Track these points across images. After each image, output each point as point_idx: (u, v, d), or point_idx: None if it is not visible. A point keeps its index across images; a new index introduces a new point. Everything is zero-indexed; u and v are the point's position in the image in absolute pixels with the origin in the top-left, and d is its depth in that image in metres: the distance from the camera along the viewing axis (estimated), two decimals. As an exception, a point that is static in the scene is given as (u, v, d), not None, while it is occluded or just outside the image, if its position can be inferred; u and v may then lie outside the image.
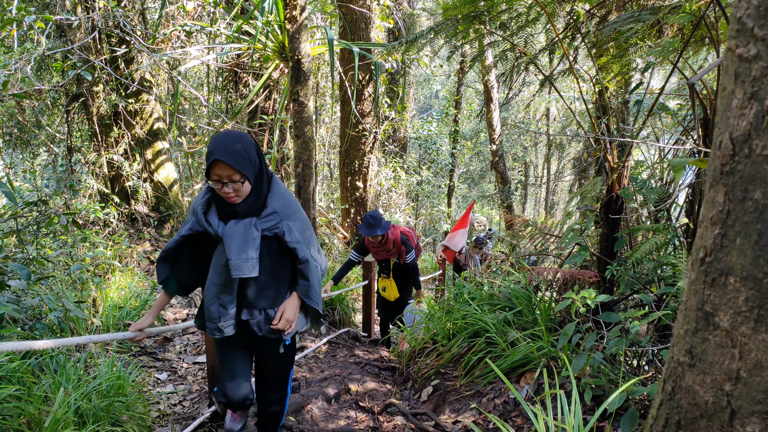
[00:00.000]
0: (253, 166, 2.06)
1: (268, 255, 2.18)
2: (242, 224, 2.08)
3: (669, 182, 3.22)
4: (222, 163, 1.96)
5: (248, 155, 2.03)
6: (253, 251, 2.07)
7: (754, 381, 0.99)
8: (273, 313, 2.25)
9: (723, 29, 2.95)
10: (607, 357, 2.64)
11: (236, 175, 1.99)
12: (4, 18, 4.35)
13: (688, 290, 1.17)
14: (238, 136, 2.05)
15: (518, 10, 3.71)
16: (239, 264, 2.04)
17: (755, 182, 0.94)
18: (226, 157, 1.95)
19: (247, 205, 2.11)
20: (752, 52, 0.93)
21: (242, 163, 1.99)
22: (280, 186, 2.25)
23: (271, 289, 2.25)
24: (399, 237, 4.94)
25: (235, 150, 1.98)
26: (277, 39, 6.51)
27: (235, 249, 2.05)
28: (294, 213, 2.22)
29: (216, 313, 2.17)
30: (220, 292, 2.16)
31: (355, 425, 3.28)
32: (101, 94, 6.87)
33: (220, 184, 2.01)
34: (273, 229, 2.14)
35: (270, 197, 2.18)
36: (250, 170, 2.03)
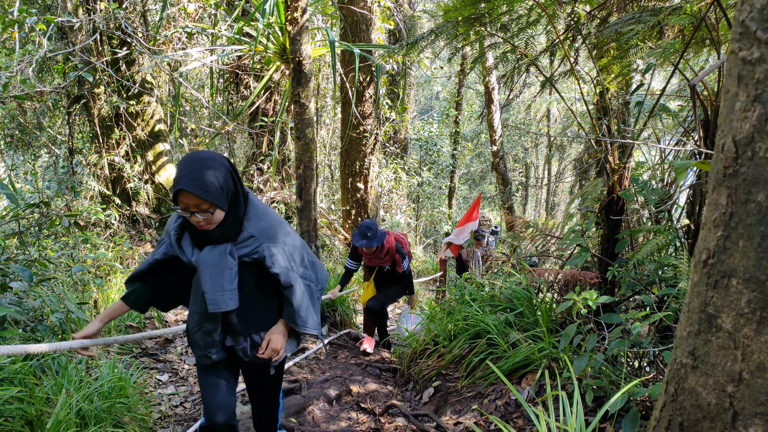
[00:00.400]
0: (226, 191, 1.86)
1: (251, 282, 2.03)
2: (217, 252, 1.91)
3: (670, 183, 3.23)
4: (186, 192, 1.77)
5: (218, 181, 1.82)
6: (228, 282, 1.91)
7: (756, 382, 1.00)
8: (259, 339, 2.11)
9: (724, 31, 2.96)
10: (609, 358, 2.64)
11: (204, 204, 1.80)
12: (6, 20, 4.36)
13: (690, 292, 1.18)
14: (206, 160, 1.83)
15: (519, 12, 3.71)
16: (215, 298, 1.89)
17: (758, 185, 0.95)
18: (192, 187, 1.76)
19: (223, 229, 1.93)
20: (755, 55, 0.93)
21: (211, 192, 1.79)
22: (258, 206, 2.06)
23: (258, 314, 2.10)
24: (394, 245, 4.82)
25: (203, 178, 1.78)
26: (278, 41, 6.52)
27: (210, 281, 1.89)
28: (276, 234, 2.04)
29: (201, 341, 2.05)
30: (204, 320, 2.02)
31: (357, 426, 3.28)
32: (102, 95, 6.88)
33: (188, 213, 1.84)
34: (252, 255, 1.96)
35: (247, 220, 1.99)
36: (221, 198, 1.83)
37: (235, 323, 2.05)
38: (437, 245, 17.43)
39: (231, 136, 9.38)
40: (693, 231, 2.92)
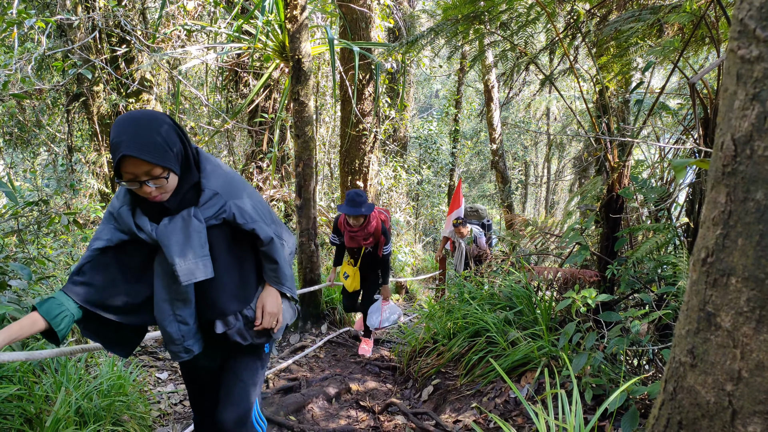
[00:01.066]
0: (176, 152, 1.59)
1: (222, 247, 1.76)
2: (179, 218, 1.65)
3: (669, 182, 3.23)
4: (133, 159, 1.49)
5: (165, 141, 1.54)
6: (199, 247, 1.65)
7: (755, 381, 1.00)
8: (251, 314, 1.85)
9: (723, 29, 2.95)
10: (608, 356, 2.64)
11: (156, 169, 1.53)
12: (5, 18, 4.35)
13: (689, 291, 1.18)
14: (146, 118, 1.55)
15: (518, 10, 3.71)
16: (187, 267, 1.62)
17: (757, 183, 0.95)
18: (137, 151, 1.48)
19: (180, 197, 1.66)
20: (754, 54, 0.93)
21: (160, 153, 1.51)
22: (212, 161, 1.79)
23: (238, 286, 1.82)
24: (380, 225, 4.39)
25: (147, 138, 1.50)
26: (277, 38, 6.51)
27: (178, 249, 1.61)
28: (240, 189, 1.79)
29: (177, 333, 1.74)
30: (175, 307, 1.72)
31: (356, 424, 3.28)
32: (102, 93, 6.87)
33: (137, 184, 1.55)
34: (220, 215, 1.70)
35: (205, 178, 1.72)
36: (172, 159, 1.56)
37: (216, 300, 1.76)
38: (437, 243, 17.44)
39: (230, 134, 9.37)
40: (692, 229, 2.92)
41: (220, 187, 1.72)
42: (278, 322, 1.87)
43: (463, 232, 7.01)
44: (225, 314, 1.78)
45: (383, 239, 4.44)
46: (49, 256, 4.26)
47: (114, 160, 1.51)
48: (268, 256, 1.83)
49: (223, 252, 1.76)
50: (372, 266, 4.69)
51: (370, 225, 4.24)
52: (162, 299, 1.72)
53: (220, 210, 1.70)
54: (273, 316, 1.84)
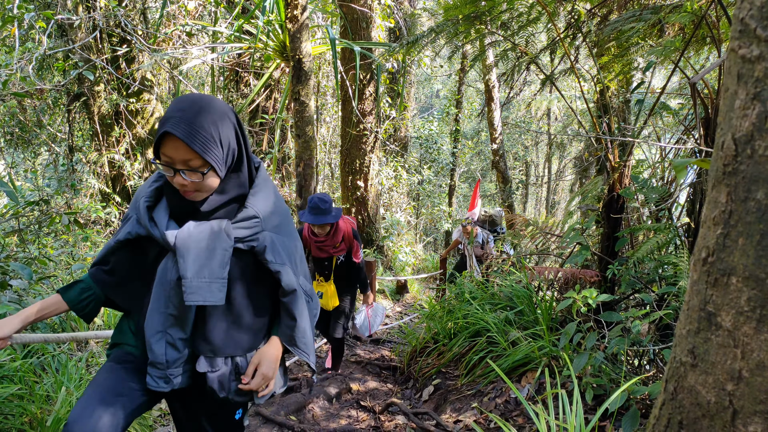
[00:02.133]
0: (226, 149, 1.39)
1: (241, 277, 1.51)
2: (208, 227, 1.42)
3: (670, 181, 3.23)
4: (175, 140, 1.31)
5: (219, 131, 1.36)
6: (220, 267, 1.41)
7: (756, 381, 1.00)
8: (244, 365, 1.55)
9: (724, 29, 2.95)
10: (609, 356, 2.64)
11: (196, 160, 1.34)
12: (5, 17, 4.36)
13: (690, 290, 1.18)
14: (207, 103, 1.36)
15: (519, 10, 3.71)
16: (198, 285, 1.38)
17: (758, 183, 0.95)
18: (182, 131, 1.30)
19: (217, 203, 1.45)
20: (755, 53, 0.93)
21: (206, 143, 1.33)
22: (268, 183, 1.58)
23: (243, 327, 1.55)
24: (350, 229, 3.81)
25: (198, 122, 1.32)
26: (278, 38, 6.52)
27: (194, 262, 1.38)
28: (282, 223, 1.57)
29: (162, 356, 1.45)
30: (168, 324, 1.46)
31: (357, 424, 3.28)
32: (102, 93, 6.88)
33: (172, 171, 1.36)
34: (250, 241, 1.48)
35: (253, 195, 1.51)
36: (218, 156, 1.36)
37: (213, 333, 1.50)
38: (437, 243, 17.45)
39: (231, 134, 9.36)
40: (693, 229, 2.92)
41: (264, 212, 1.51)
42: (267, 387, 1.57)
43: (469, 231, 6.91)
44: (216, 353, 1.51)
45: (356, 244, 3.86)
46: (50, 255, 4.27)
47: (156, 137, 1.35)
48: (287, 309, 1.56)
49: (240, 283, 1.52)
50: (348, 278, 4.05)
51: (338, 231, 3.70)
52: (156, 309, 1.46)
53: (253, 236, 1.48)
54: (265, 380, 1.54)
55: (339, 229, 3.68)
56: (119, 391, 1.46)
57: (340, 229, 3.70)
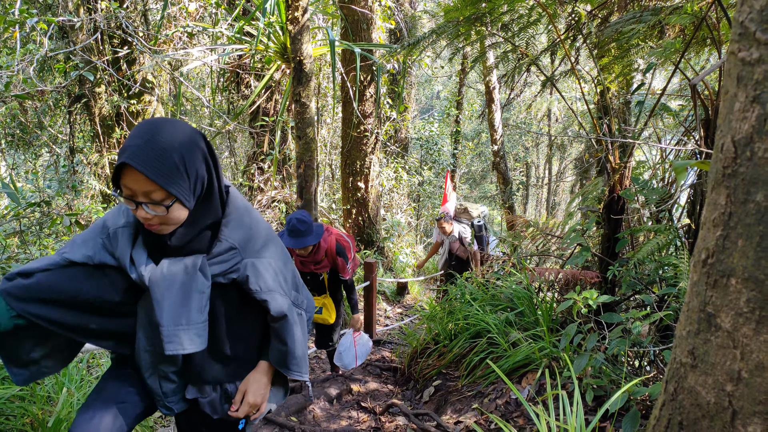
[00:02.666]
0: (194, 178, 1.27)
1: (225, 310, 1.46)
2: (181, 267, 1.33)
3: (670, 183, 3.23)
4: (133, 171, 1.19)
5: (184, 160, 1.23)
6: (197, 312, 1.34)
7: (755, 382, 1.00)
8: (234, 389, 1.55)
9: (724, 30, 2.96)
10: (609, 357, 2.64)
11: (158, 192, 1.21)
12: (7, 20, 4.37)
13: (690, 292, 1.18)
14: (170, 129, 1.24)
15: (520, 12, 3.71)
16: (175, 334, 1.31)
17: (757, 185, 0.95)
18: (140, 162, 1.17)
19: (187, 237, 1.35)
20: (754, 56, 0.94)
21: (168, 174, 1.20)
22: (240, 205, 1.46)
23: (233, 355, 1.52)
24: (334, 245, 3.66)
25: (160, 152, 1.19)
26: (278, 40, 6.53)
27: (170, 308, 1.31)
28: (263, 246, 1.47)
29: (158, 389, 1.48)
30: (158, 361, 1.45)
31: (357, 425, 3.28)
32: (103, 95, 6.89)
33: (134, 204, 1.25)
34: (230, 274, 1.40)
35: (226, 225, 1.40)
36: (183, 186, 1.24)
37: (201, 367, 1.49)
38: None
39: (232, 136, 9.38)
40: (693, 230, 2.92)
41: (241, 241, 1.42)
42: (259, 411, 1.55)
43: (446, 229, 6.59)
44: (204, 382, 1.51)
45: (341, 261, 3.69)
46: (51, 257, 4.27)
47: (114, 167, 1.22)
48: (278, 335, 1.51)
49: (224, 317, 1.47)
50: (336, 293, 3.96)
51: (320, 249, 3.58)
52: (144, 349, 1.44)
53: (232, 268, 1.40)
54: (252, 408, 1.52)
55: (320, 248, 3.57)
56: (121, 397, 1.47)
57: (321, 247, 3.57)
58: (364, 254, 8.55)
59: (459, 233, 6.65)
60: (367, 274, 5.80)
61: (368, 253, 8.69)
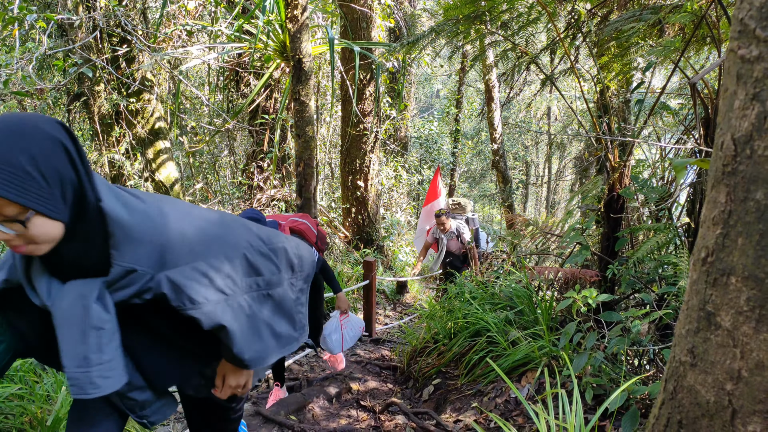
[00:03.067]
0: (56, 182, 1.02)
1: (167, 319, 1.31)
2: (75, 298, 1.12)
3: (670, 181, 3.23)
4: None
5: (36, 166, 0.98)
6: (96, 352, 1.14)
7: (755, 380, 1.00)
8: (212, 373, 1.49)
9: (724, 29, 2.95)
10: (609, 356, 2.64)
11: (10, 206, 0.98)
12: (6, 17, 4.36)
13: (689, 290, 1.18)
14: (16, 127, 0.98)
15: (519, 10, 3.71)
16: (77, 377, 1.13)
17: (757, 183, 0.95)
18: None
19: (70, 260, 1.14)
20: (754, 54, 0.93)
21: (18, 183, 0.97)
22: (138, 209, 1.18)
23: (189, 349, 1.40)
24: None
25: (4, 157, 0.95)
26: (278, 38, 6.52)
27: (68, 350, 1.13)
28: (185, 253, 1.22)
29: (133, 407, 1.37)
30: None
31: (357, 424, 3.28)
32: (102, 93, 6.88)
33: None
34: (143, 294, 1.18)
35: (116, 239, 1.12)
36: (42, 194, 1.00)
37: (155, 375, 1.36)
38: (437, 243, 17.40)
39: (231, 134, 9.38)
40: (693, 229, 2.92)
41: (144, 257, 1.16)
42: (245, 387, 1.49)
43: (446, 226, 6.33)
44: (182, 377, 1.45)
45: None
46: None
47: None
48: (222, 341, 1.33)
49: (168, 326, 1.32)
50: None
51: None
52: None
53: (142, 289, 1.17)
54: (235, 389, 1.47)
55: None
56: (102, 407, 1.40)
57: None
58: (363, 253, 8.55)
59: (457, 229, 6.42)
60: (367, 273, 5.80)
61: (368, 251, 8.69)
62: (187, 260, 1.22)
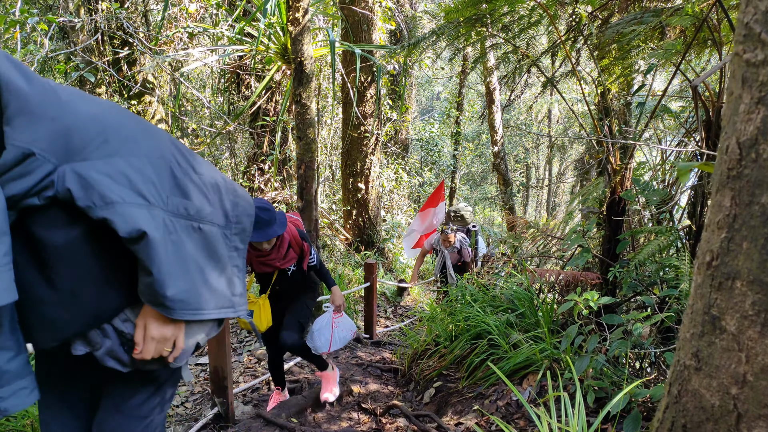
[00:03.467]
0: None
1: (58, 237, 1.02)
2: None
3: (671, 184, 3.23)
4: None
5: None
6: None
7: (760, 385, 1.00)
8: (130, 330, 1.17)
9: (725, 31, 2.96)
10: (610, 359, 2.64)
11: None
12: (8, 20, 4.36)
13: (694, 294, 1.18)
14: None
15: (520, 13, 3.71)
16: None
17: (762, 187, 0.95)
18: None
19: None
20: (759, 57, 0.93)
21: None
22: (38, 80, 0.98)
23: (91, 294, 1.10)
24: (296, 231, 3.18)
25: None
26: (279, 41, 6.52)
27: None
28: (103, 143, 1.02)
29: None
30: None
31: (358, 427, 3.28)
32: (104, 95, 6.88)
33: None
34: (43, 191, 0.96)
35: (10, 112, 0.92)
36: None
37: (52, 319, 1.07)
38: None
39: (232, 136, 9.38)
40: (694, 232, 2.92)
41: (45, 138, 0.94)
42: (175, 347, 1.19)
43: (451, 240, 6.18)
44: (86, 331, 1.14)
45: (306, 246, 3.22)
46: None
47: None
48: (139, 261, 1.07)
49: (59, 247, 1.03)
50: (293, 287, 3.33)
51: (284, 241, 3.05)
52: None
53: (40, 183, 0.95)
54: (162, 343, 1.16)
55: (284, 238, 3.05)
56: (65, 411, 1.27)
57: (284, 238, 3.05)
58: (364, 255, 8.55)
59: (460, 243, 6.26)
60: (368, 275, 5.80)
61: (368, 254, 8.69)
62: (100, 154, 1.00)
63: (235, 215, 1.25)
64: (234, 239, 1.26)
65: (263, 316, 3.17)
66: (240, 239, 1.28)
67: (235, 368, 4.55)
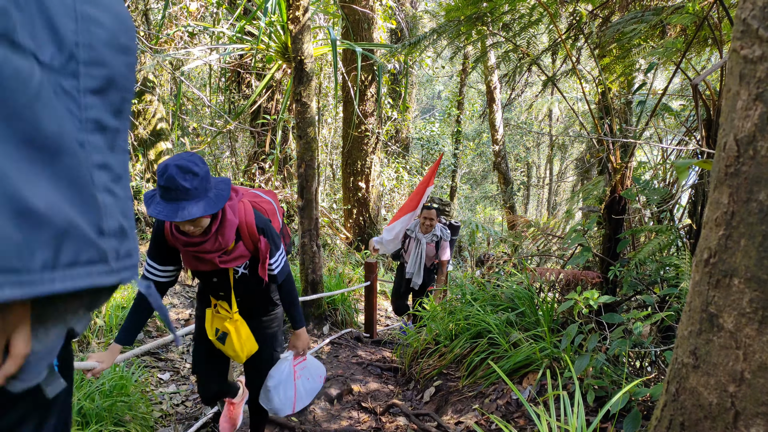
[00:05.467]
0: None
1: None
2: None
3: (672, 183, 3.22)
4: None
5: None
6: None
7: (758, 382, 0.99)
8: None
9: (726, 30, 2.95)
10: (610, 358, 2.64)
11: None
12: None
13: (692, 291, 1.17)
14: None
15: (521, 11, 3.71)
16: None
17: (760, 183, 0.94)
18: None
19: None
20: (757, 54, 0.93)
21: None
22: None
23: None
24: (252, 218, 2.12)
25: None
26: (279, 39, 6.52)
27: None
28: None
29: None
30: None
31: (358, 426, 3.28)
32: (104, 94, 6.89)
33: None
34: None
35: None
36: None
37: None
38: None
39: (233, 135, 9.38)
40: (695, 231, 2.91)
41: None
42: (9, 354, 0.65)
43: (432, 225, 5.14)
44: None
45: (263, 242, 2.15)
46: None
47: None
48: None
49: None
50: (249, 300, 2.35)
51: (226, 226, 2.00)
52: None
53: None
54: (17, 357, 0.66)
55: (227, 223, 1.99)
56: None
57: (229, 221, 2.00)
58: (365, 254, 8.54)
59: (439, 235, 5.22)
60: (368, 275, 5.80)
61: (369, 253, 8.69)
62: None
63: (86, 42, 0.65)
64: (91, 100, 0.66)
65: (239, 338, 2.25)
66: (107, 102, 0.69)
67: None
